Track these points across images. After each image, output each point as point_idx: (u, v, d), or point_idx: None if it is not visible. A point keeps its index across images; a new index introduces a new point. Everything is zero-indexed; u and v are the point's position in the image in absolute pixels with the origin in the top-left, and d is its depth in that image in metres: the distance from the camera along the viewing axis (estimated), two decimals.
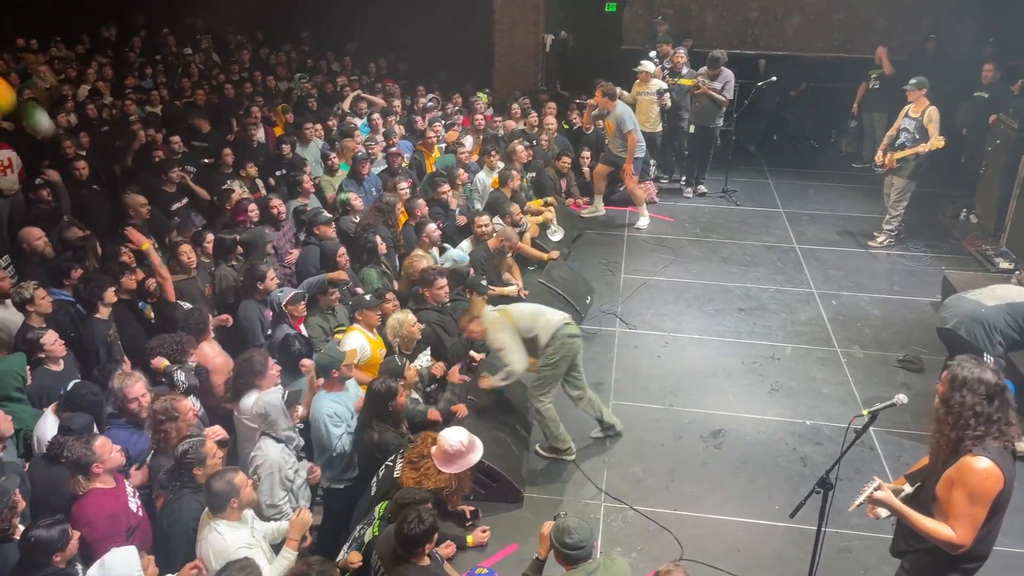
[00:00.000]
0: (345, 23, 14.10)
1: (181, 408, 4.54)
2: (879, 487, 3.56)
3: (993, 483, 3.33)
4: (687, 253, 9.31)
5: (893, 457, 5.93)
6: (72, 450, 4.15)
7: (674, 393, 6.72)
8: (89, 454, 4.12)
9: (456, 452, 4.66)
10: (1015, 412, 3.47)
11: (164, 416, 4.50)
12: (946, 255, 9.17)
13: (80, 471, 4.14)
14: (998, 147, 9.30)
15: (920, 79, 8.81)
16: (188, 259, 6.46)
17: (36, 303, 5.44)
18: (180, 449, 4.22)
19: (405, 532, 3.85)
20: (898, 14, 12.30)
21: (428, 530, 3.88)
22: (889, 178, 9.20)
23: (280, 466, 4.68)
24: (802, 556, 4.52)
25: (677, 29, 12.65)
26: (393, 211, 7.74)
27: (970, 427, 3.36)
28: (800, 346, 7.42)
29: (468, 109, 11.60)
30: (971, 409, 3.37)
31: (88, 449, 4.13)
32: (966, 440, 3.37)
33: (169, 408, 4.50)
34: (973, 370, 3.41)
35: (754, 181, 11.56)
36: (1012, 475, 3.38)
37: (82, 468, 4.13)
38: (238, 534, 4.02)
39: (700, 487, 5.69)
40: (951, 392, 3.43)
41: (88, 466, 4.12)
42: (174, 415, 4.50)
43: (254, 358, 5.09)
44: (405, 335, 5.89)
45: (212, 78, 11.80)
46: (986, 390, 3.37)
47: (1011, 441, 3.41)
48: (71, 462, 4.15)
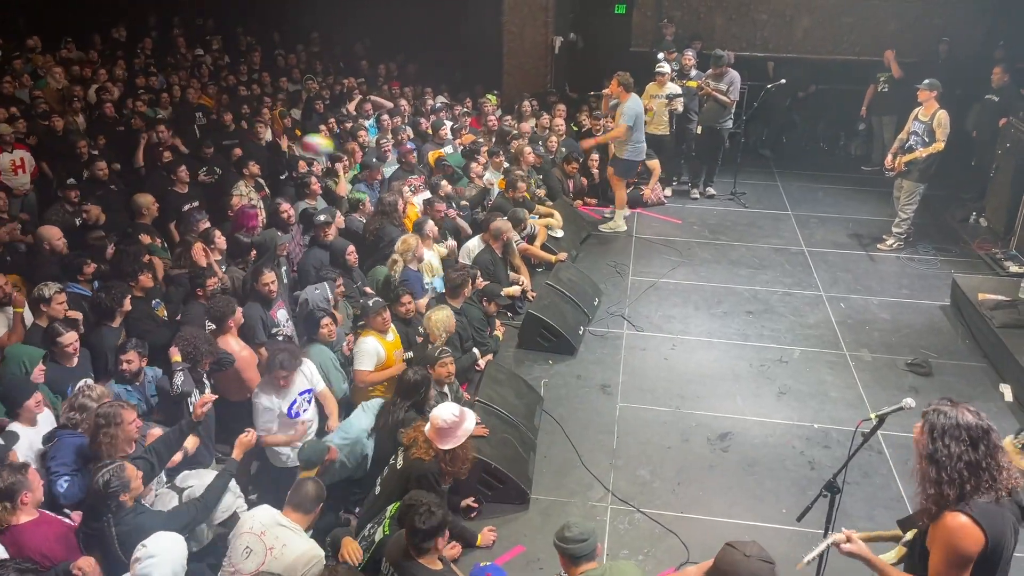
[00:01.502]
0: (354, 25, 14.14)
1: (126, 416, 4.37)
2: (848, 539, 3.28)
3: (970, 543, 3.01)
4: (695, 255, 9.31)
5: (901, 461, 5.91)
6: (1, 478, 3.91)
7: (681, 395, 6.72)
8: (19, 481, 3.91)
9: (450, 426, 4.69)
10: (1004, 453, 3.14)
11: (105, 421, 4.31)
12: (956, 258, 9.14)
13: (8, 499, 3.90)
14: (1008, 150, 9.26)
15: (932, 80, 8.79)
16: (202, 259, 6.48)
17: (52, 306, 5.45)
18: (101, 481, 3.90)
19: (416, 525, 3.86)
20: (909, 16, 12.26)
21: (439, 524, 3.90)
22: (898, 181, 9.19)
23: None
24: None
25: (685, 31, 12.66)
26: (396, 210, 7.76)
27: (963, 479, 3.04)
28: (808, 349, 7.40)
29: (478, 111, 11.63)
30: (959, 460, 3.05)
31: (17, 477, 3.92)
32: (950, 494, 3.05)
33: (113, 414, 4.33)
34: (950, 415, 3.10)
35: (763, 183, 11.54)
36: (999, 531, 3.04)
37: (9, 496, 3.90)
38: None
39: (707, 490, 5.69)
40: (932, 445, 3.11)
41: (16, 494, 3.91)
42: (117, 421, 4.32)
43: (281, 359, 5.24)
44: (452, 329, 6.18)
45: (222, 79, 11.86)
46: (968, 435, 3.06)
47: (1004, 490, 3.08)
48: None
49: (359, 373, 5.95)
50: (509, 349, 7.36)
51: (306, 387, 5.48)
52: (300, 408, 5.42)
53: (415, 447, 4.74)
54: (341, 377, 6.04)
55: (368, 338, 6.01)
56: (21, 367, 4.95)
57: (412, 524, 3.87)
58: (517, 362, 7.19)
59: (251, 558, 4.02)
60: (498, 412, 5.89)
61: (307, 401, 5.51)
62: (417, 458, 4.69)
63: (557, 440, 6.18)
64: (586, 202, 10.60)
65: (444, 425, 4.68)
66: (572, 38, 13.57)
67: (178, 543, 3.78)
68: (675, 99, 10.35)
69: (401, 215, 7.89)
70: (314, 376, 5.60)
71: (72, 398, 4.68)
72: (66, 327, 5.25)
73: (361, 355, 5.96)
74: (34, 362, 4.97)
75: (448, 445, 4.68)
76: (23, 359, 4.98)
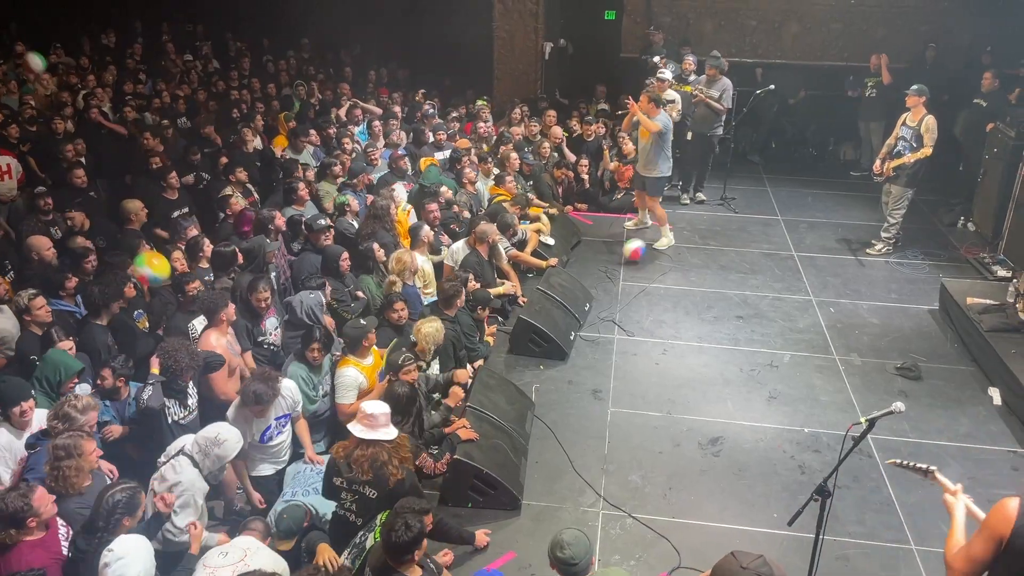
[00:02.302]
0: (344, 31, 14.14)
1: (85, 448, 4.26)
2: (955, 494, 3.37)
3: (999, 520, 3.00)
4: (686, 260, 9.33)
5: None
6: (7, 502, 3.83)
7: (672, 400, 6.73)
8: (25, 508, 3.84)
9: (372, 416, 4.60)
10: None
11: (64, 453, 4.19)
12: (944, 263, 9.20)
13: (15, 525, 3.84)
14: (996, 155, 9.33)
15: (920, 86, 8.87)
16: (181, 266, 6.44)
17: (33, 313, 5.41)
18: (111, 500, 3.90)
19: (392, 540, 3.85)
20: (896, 22, 12.34)
21: (415, 538, 3.87)
22: (887, 186, 9.24)
23: (198, 490, 4.55)
24: (800, 564, 4.53)
25: (674, 37, 12.70)
26: (388, 214, 7.75)
27: None
28: (798, 354, 7.42)
29: (471, 116, 11.63)
30: None
31: (24, 503, 3.84)
32: None
33: (72, 445, 4.20)
34: None
35: (753, 189, 11.59)
36: None
37: (17, 523, 3.84)
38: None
39: (698, 495, 5.69)
40: None
41: (23, 521, 3.85)
42: (76, 452, 4.20)
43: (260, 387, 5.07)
44: (440, 341, 6.11)
45: (212, 84, 11.84)
46: None
47: None
48: (5, 517, 3.82)
49: (341, 407, 5.75)
50: (500, 355, 7.35)
51: (284, 412, 5.32)
52: (274, 433, 5.26)
53: (389, 471, 4.60)
54: (307, 400, 5.71)
55: (347, 368, 5.79)
56: (58, 373, 4.98)
57: (388, 539, 3.87)
58: (508, 368, 7.18)
59: (229, 555, 4.03)
60: (489, 418, 5.88)
61: (283, 426, 5.34)
62: (397, 481, 4.55)
63: (549, 445, 6.17)
64: (576, 207, 10.61)
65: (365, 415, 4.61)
66: (562, 44, 13.62)
67: (142, 541, 3.81)
68: (670, 105, 10.39)
69: (393, 219, 7.87)
70: (295, 397, 5.41)
71: (58, 406, 4.61)
72: (62, 335, 5.23)
73: (342, 388, 5.76)
74: (69, 374, 4.99)
75: (366, 435, 4.57)
76: (61, 367, 5.01)
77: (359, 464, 4.55)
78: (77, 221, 7.06)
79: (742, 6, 12.83)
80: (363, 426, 4.59)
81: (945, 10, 12.07)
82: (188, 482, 4.47)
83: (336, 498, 4.68)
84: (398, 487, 4.52)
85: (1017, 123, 8.92)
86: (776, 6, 12.72)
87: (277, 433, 5.31)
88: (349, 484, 4.58)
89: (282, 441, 5.40)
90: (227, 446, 4.56)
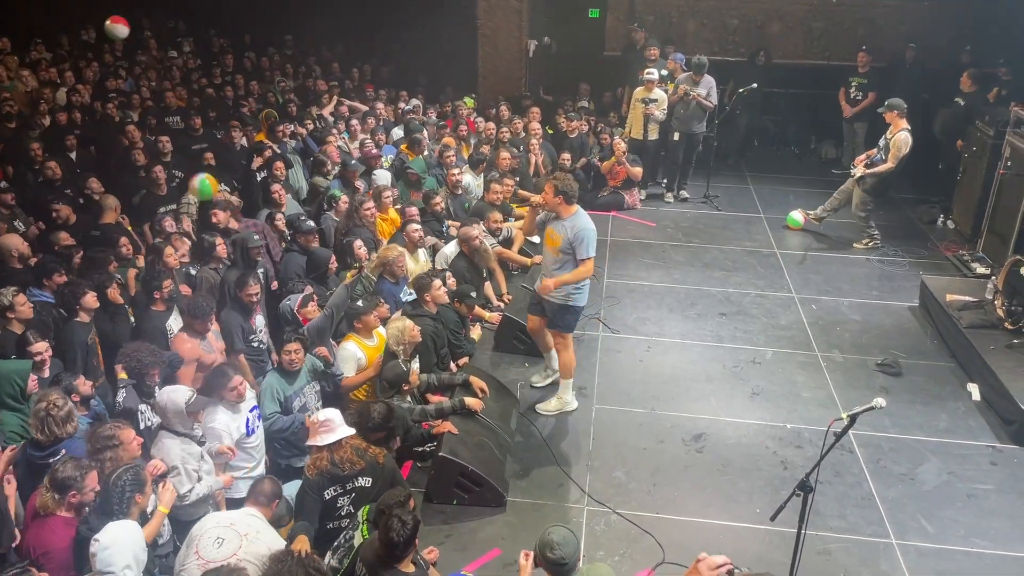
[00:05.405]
0: (328, 28, 14.08)
1: (125, 437, 4.29)
2: None
3: None
4: (669, 258, 9.37)
5: (872, 460, 6.01)
6: (64, 468, 3.95)
7: (656, 397, 6.76)
8: (76, 480, 3.94)
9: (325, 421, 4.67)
10: None
11: (104, 444, 4.22)
12: (924, 260, 9.30)
13: (58, 490, 3.94)
14: (974, 154, 9.44)
15: (891, 101, 9.05)
16: (173, 260, 6.41)
17: (16, 310, 5.35)
18: (119, 482, 3.92)
19: (390, 538, 3.86)
20: (877, 22, 12.44)
21: (413, 530, 3.90)
22: (855, 184, 9.42)
23: (183, 459, 4.59)
24: (783, 558, 4.58)
25: (657, 36, 12.70)
26: (360, 209, 7.70)
27: None
28: (781, 350, 7.48)
29: (454, 114, 11.62)
30: None
31: (79, 475, 3.95)
32: None
33: (113, 436, 4.25)
34: None
35: (735, 186, 11.65)
36: None
37: (62, 488, 3.94)
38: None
39: (682, 490, 5.73)
40: None
41: (68, 490, 3.94)
42: (116, 443, 4.24)
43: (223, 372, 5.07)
44: (407, 341, 5.86)
45: (194, 81, 11.75)
46: None
47: None
48: (55, 479, 3.94)
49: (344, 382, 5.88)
50: (485, 352, 7.36)
51: (254, 403, 5.27)
52: (254, 425, 5.19)
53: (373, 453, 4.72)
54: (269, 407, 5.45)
55: (348, 343, 5.96)
56: (14, 384, 4.78)
57: (387, 537, 3.87)
58: (493, 365, 7.19)
59: (224, 546, 3.98)
60: (474, 415, 5.90)
61: (257, 418, 5.26)
62: (385, 458, 4.72)
63: (533, 443, 6.19)
64: None
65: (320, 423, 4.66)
66: (546, 42, 13.61)
67: (129, 528, 3.79)
68: (649, 104, 10.41)
69: (371, 218, 7.79)
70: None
71: (36, 409, 4.47)
72: (37, 336, 5.17)
73: (341, 361, 5.91)
74: (24, 376, 4.84)
75: (331, 438, 4.62)
76: (13, 376, 4.80)
77: (348, 460, 4.61)
78: (63, 214, 6.99)
79: (724, 5, 12.87)
80: (323, 433, 4.64)
81: (925, 10, 12.18)
82: (174, 456, 4.55)
83: (330, 514, 4.66)
84: (388, 463, 4.69)
85: (996, 122, 9.03)
86: (758, 5, 12.78)
87: (256, 427, 5.21)
88: (344, 486, 4.63)
89: (261, 441, 5.31)
90: (177, 393, 4.64)
